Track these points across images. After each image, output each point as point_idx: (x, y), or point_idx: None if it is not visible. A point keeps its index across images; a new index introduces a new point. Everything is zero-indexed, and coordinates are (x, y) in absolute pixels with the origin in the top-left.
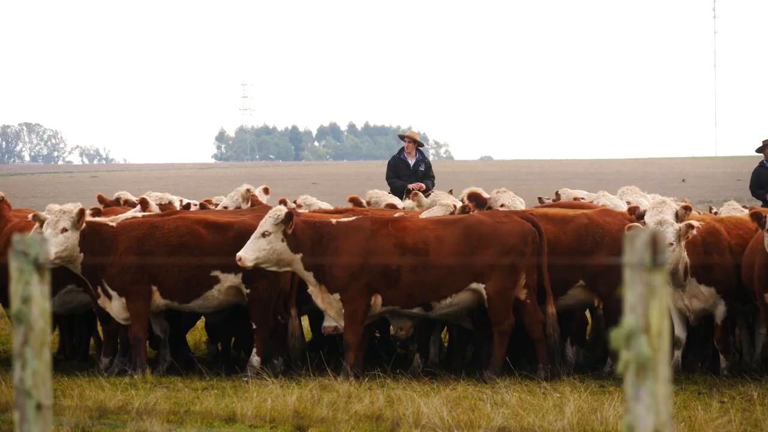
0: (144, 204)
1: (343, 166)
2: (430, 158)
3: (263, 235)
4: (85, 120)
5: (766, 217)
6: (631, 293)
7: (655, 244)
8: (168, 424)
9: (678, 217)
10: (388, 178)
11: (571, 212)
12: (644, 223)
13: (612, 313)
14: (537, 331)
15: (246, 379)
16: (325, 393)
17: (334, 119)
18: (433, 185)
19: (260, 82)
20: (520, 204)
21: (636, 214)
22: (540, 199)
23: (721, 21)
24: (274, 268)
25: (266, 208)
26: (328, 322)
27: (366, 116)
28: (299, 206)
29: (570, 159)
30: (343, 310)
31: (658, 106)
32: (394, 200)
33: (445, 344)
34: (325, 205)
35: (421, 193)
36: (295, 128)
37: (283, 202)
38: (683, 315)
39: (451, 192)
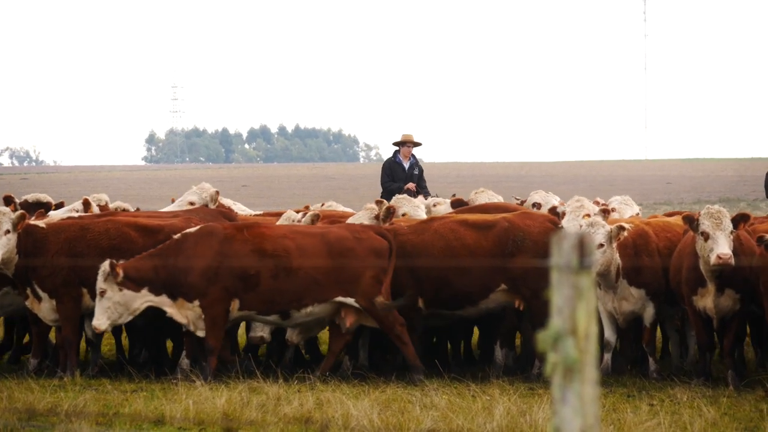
0: (86, 205)
1: (273, 169)
2: (361, 161)
3: (101, 294)
4: (14, 121)
5: (698, 220)
6: (558, 295)
7: (582, 246)
8: (97, 426)
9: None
10: (383, 182)
11: (491, 217)
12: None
13: (535, 315)
14: (402, 335)
15: (175, 381)
16: (254, 395)
17: (265, 121)
18: (425, 189)
19: (190, 85)
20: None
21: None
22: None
23: (652, 24)
24: (130, 317)
25: (209, 212)
26: (254, 332)
27: (296, 118)
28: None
29: (500, 162)
30: (203, 318)
31: (589, 108)
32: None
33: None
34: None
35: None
36: (225, 130)
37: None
38: (613, 317)
39: (454, 196)
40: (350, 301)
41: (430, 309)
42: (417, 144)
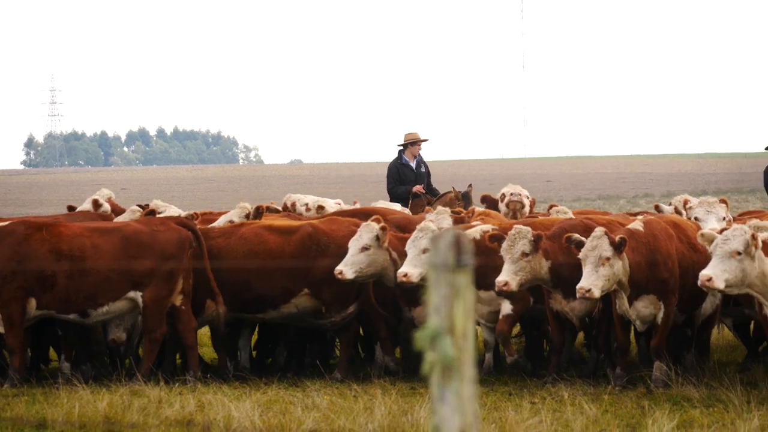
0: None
1: (152, 171)
2: (241, 162)
3: None
4: None
5: (503, 237)
6: (436, 294)
7: (459, 245)
8: None
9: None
10: (389, 187)
11: (296, 223)
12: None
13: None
14: (190, 338)
15: (56, 385)
16: (136, 398)
17: (143, 124)
18: (434, 189)
19: (68, 88)
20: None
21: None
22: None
23: (529, 22)
24: None
25: (87, 215)
26: (112, 335)
27: (175, 121)
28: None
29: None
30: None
31: (467, 107)
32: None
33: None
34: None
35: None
36: (104, 133)
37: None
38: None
39: (471, 186)
40: (137, 296)
41: (231, 312)
42: (423, 140)
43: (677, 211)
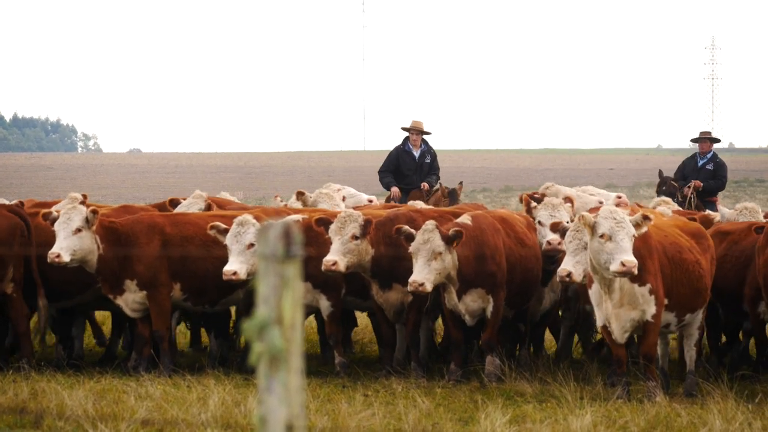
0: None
1: None
2: (80, 151)
3: None
4: None
5: (330, 221)
6: (264, 284)
7: (288, 235)
8: None
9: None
10: (381, 171)
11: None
12: None
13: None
14: (22, 324)
15: None
16: None
17: None
18: (438, 178)
19: None
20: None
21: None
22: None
23: (370, 15)
24: None
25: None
26: None
27: (14, 108)
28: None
29: (219, 152)
30: None
31: (308, 99)
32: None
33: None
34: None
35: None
36: None
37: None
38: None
39: (461, 184)
40: None
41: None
42: (426, 133)
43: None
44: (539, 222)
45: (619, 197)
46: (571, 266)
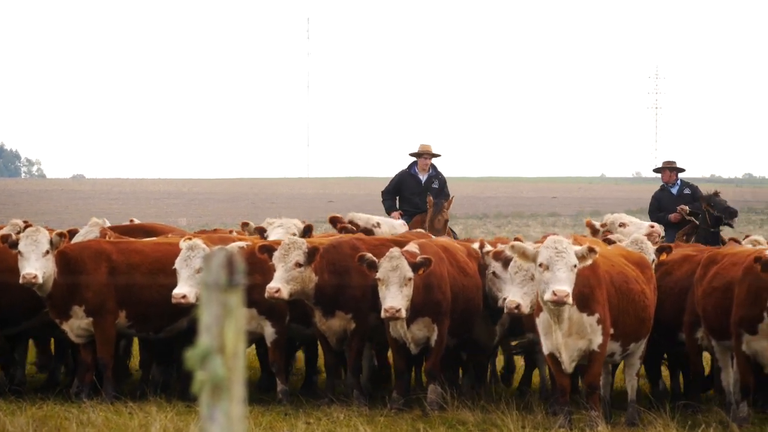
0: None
1: None
2: (23, 176)
3: None
4: None
5: (273, 248)
6: (207, 313)
7: (231, 264)
8: None
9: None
10: (383, 193)
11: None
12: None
13: None
14: None
15: None
16: None
17: None
18: (439, 204)
19: None
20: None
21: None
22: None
23: (315, 43)
24: None
25: None
26: None
27: None
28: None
29: (162, 178)
30: None
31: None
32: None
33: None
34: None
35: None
36: None
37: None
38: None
39: (451, 198)
40: None
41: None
42: (435, 155)
43: (609, 232)
44: (493, 273)
45: (652, 227)
46: (519, 298)
